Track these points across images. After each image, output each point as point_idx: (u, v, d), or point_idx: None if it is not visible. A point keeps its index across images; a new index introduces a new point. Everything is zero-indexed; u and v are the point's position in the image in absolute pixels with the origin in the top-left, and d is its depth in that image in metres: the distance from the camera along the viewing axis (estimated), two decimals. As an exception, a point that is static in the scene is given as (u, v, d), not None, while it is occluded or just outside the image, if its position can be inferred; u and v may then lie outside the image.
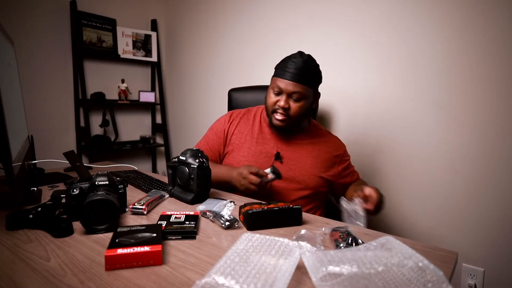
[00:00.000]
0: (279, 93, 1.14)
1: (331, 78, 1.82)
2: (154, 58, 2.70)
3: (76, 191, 0.80)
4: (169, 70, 2.84)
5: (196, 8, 2.53)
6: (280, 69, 1.14)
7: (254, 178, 1.03)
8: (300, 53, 1.15)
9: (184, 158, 1.02)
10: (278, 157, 1.20)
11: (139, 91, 2.65)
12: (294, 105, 1.13)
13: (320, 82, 1.19)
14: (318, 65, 1.17)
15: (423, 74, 1.53)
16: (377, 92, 1.67)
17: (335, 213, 1.37)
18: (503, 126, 1.36)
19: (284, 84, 1.11)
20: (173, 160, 1.07)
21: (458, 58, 1.44)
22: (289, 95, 1.13)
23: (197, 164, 0.99)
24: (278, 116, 1.15)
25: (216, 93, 2.44)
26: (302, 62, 1.11)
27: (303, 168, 1.19)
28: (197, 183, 0.99)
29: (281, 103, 1.13)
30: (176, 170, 1.05)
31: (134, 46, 2.59)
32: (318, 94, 1.22)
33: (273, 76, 1.17)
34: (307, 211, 1.12)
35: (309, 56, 1.15)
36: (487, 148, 1.40)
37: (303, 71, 1.10)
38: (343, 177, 1.29)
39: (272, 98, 1.16)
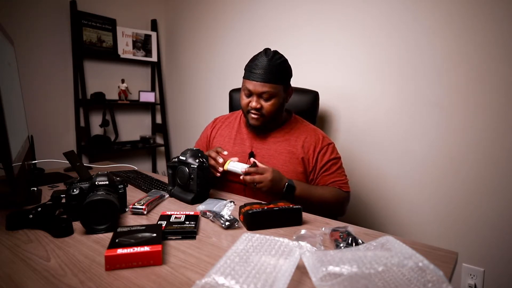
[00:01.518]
0: (249, 94, 1.16)
1: (331, 78, 1.82)
2: (154, 58, 2.70)
3: (76, 191, 0.80)
4: (169, 70, 2.84)
5: (196, 8, 2.53)
6: (248, 71, 1.16)
7: (212, 155, 1.11)
8: (265, 50, 1.16)
9: (184, 158, 1.02)
10: (251, 155, 1.22)
11: (139, 91, 2.65)
12: (266, 104, 1.15)
13: (290, 76, 1.20)
14: (285, 61, 1.17)
15: (423, 74, 1.53)
16: (377, 92, 1.67)
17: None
18: (503, 126, 1.36)
19: (253, 85, 1.13)
20: (173, 160, 1.07)
21: (458, 58, 1.44)
22: (259, 96, 1.14)
23: (197, 164, 0.99)
24: (253, 116, 1.18)
25: (216, 93, 2.44)
26: (267, 61, 1.12)
27: (276, 166, 1.16)
28: (197, 183, 0.99)
29: (253, 104, 1.14)
30: (176, 170, 1.05)
31: (134, 46, 2.59)
32: (290, 89, 1.22)
33: (243, 78, 1.19)
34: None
35: (274, 52, 1.16)
36: (487, 148, 1.40)
37: (269, 70, 1.12)
38: (322, 175, 1.21)
39: (244, 99, 1.18)
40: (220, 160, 1.10)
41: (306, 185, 1.14)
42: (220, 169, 1.10)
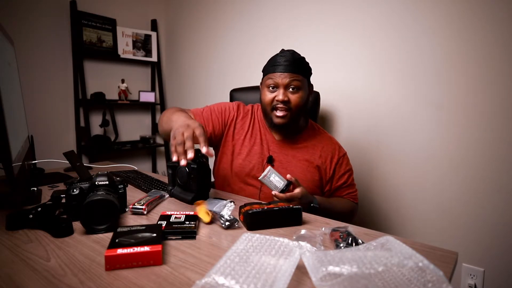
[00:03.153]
0: (275, 87, 1.12)
1: (331, 78, 1.82)
2: (154, 58, 2.70)
3: (76, 191, 0.80)
4: (169, 70, 2.84)
5: (196, 8, 2.53)
6: (270, 66, 1.13)
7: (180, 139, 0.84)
8: (283, 49, 1.16)
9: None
10: (270, 160, 1.18)
11: (139, 91, 2.65)
12: (293, 97, 1.11)
13: (311, 73, 1.19)
14: (304, 58, 1.17)
15: (424, 74, 1.53)
16: (378, 92, 1.67)
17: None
18: (503, 126, 1.36)
19: (279, 77, 1.10)
20: (173, 160, 1.06)
21: (458, 58, 1.44)
22: (286, 87, 1.11)
23: (197, 164, 0.99)
24: (279, 113, 1.12)
25: (216, 93, 2.44)
26: (290, 54, 1.12)
27: (294, 172, 1.12)
28: (197, 183, 0.99)
29: (280, 96, 1.10)
30: (176, 170, 1.05)
31: (134, 46, 2.59)
32: (312, 86, 1.21)
33: (265, 75, 1.16)
34: None
35: (294, 51, 1.16)
36: (487, 148, 1.40)
37: (293, 61, 1.11)
38: (340, 187, 1.22)
39: (268, 95, 1.13)
40: (190, 155, 0.82)
41: (326, 202, 1.13)
42: (183, 162, 0.83)
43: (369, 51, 1.68)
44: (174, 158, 0.84)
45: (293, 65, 1.10)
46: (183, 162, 0.83)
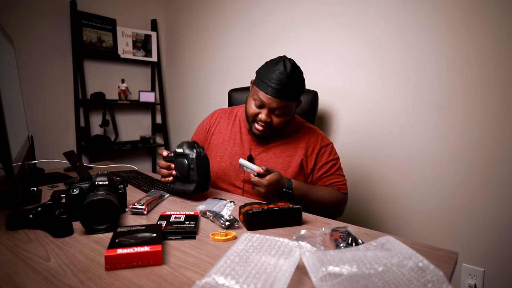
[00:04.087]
0: (260, 106, 1.10)
1: (331, 78, 1.82)
2: (154, 58, 2.70)
3: (76, 191, 0.80)
4: (169, 70, 2.84)
5: (196, 8, 2.53)
6: (262, 81, 1.08)
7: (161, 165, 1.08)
8: (284, 62, 1.07)
9: (181, 150, 1.02)
10: (250, 159, 1.18)
11: (139, 91, 2.65)
12: (276, 119, 1.11)
13: (304, 90, 1.14)
14: (301, 74, 1.11)
15: (423, 74, 1.53)
16: (378, 92, 1.67)
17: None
18: (503, 126, 1.36)
19: (268, 99, 1.07)
20: (170, 155, 1.06)
21: (459, 58, 1.44)
22: (271, 110, 1.09)
23: (195, 154, 0.99)
24: (259, 127, 1.13)
25: (216, 93, 2.44)
26: (286, 76, 1.04)
27: (275, 165, 1.15)
28: (197, 172, 0.99)
29: (263, 116, 1.09)
30: (176, 163, 1.04)
31: (134, 46, 2.59)
32: (300, 102, 1.17)
33: (254, 84, 1.12)
34: None
35: (293, 66, 1.07)
36: (487, 148, 1.40)
37: (287, 87, 1.05)
38: (321, 176, 1.20)
39: (253, 108, 1.12)
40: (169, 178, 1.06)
41: (305, 186, 1.12)
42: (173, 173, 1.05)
43: (369, 50, 1.68)
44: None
45: (285, 92, 1.06)
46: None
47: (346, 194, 1.22)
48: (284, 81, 1.05)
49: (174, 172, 1.04)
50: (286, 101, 1.08)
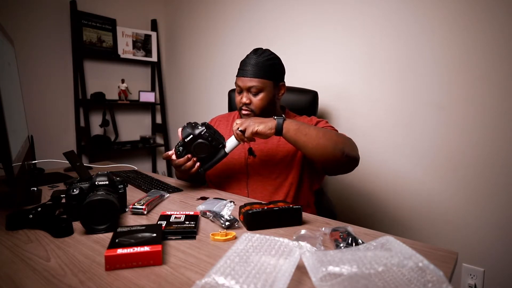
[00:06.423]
0: (240, 91, 1.20)
1: (330, 77, 1.82)
2: (154, 58, 2.70)
3: (76, 191, 0.80)
4: (169, 70, 2.84)
5: (196, 8, 2.53)
6: (239, 69, 1.21)
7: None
8: (255, 49, 1.20)
9: (190, 136, 1.04)
10: (251, 152, 1.23)
11: (139, 91, 2.65)
12: (254, 99, 1.18)
13: (280, 73, 1.21)
14: (274, 57, 1.19)
15: (423, 74, 1.53)
16: (377, 91, 1.67)
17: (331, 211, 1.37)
18: (503, 126, 1.36)
19: (241, 81, 1.18)
20: (179, 149, 1.08)
21: (459, 58, 1.44)
22: (248, 91, 1.18)
23: (203, 127, 1.03)
24: (244, 112, 1.21)
25: (216, 93, 2.44)
26: (255, 58, 1.17)
27: (276, 159, 1.20)
28: (217, 137, 1.05)
29: (243, 99, 1.18)
30: (193, 149, 1.05)
31: (134, 46, 2.59)
32: (282, 86, 1.23)
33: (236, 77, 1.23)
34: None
35: (265, 51, 1.19)
36: (487, 148, 1.40)
37: (256, 66, 1.16)
38: None
39: (237, 97, 1.22)
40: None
41: (299, 123, 1.05)
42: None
43: (369, 50, 1.68)
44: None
45: (256, 69, 1.16)
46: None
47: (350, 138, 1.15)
48: (251, 60, 1.17)
49: (195, 158, 1.09)
50: (257, 78, 1.16)
